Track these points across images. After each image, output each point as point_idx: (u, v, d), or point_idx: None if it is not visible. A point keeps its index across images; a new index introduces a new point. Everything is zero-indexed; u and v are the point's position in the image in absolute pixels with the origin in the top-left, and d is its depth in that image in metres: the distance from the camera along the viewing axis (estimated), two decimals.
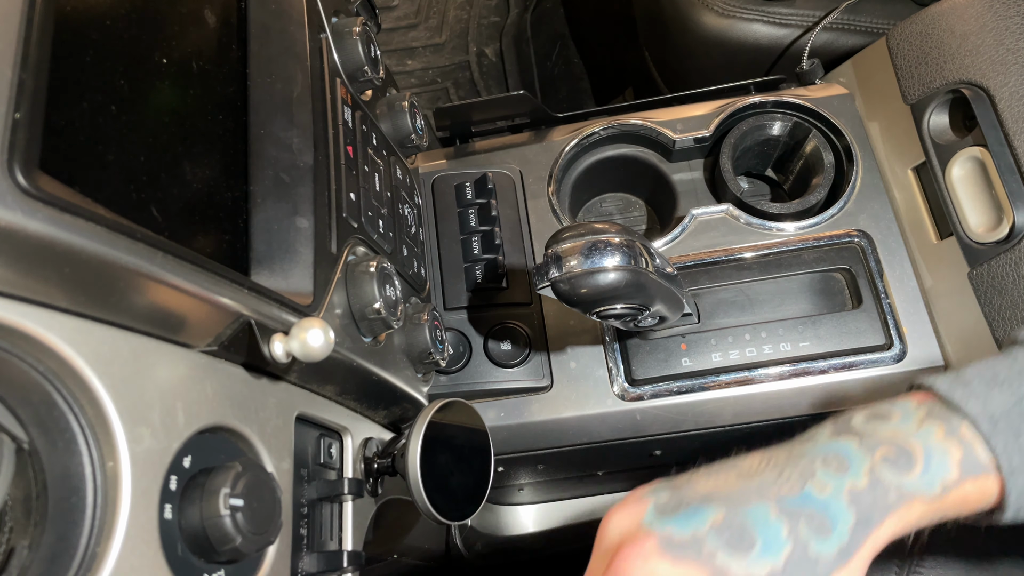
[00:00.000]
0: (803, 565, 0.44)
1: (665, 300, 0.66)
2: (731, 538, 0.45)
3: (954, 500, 0.48)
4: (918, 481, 0.47)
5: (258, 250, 0.56)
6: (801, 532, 0.45)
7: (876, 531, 0.46)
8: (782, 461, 0.49)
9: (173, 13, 0.52)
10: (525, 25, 1.75)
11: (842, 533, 0.45)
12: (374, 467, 0.64)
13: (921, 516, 0.48)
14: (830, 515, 0.46)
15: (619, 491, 1.16)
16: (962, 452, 0.48)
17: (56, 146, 0.37)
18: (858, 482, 0.47)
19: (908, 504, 0.47)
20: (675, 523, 0.46)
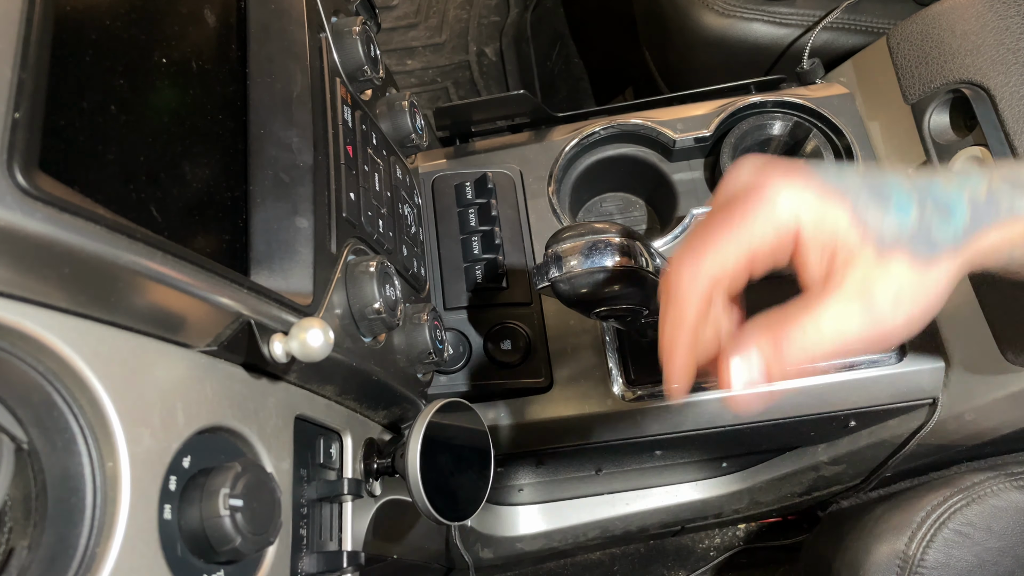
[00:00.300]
0: (924, 238, 0.46)
1: (654, 303, 0.66)
2: (876, 189, 0.46)
3: None
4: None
5: (258, 250, 0.56)
6: (928, 210, 0.47)
7: (981, 234, 0.47)
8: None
9: (173, 13, 0.52)
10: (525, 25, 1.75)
11: (957, 227, 0.47)
12: (374, 467, 0.64)
13: (1019, 234, 0.48)
14: (951, 207, 0.47)
15: (619, 491, 1.16)
16: None
17: (56, 146, 0.37)
18: (979, 191, 0.48)
19: (1015, 219, 0.48)
20: (826, 173, 0.47)
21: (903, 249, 0.45)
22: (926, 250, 0.46)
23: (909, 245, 0.46)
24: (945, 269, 0.46)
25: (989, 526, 0.79)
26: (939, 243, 0.46)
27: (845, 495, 1.11)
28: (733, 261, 0.46)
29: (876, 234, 0.45)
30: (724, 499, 1.16)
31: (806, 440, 1.01)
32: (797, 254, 0.46)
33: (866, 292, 0.45)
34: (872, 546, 0.83)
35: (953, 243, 0.47)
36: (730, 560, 1.48)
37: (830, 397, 0.82)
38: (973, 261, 0.48)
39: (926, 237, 0.46)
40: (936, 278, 0.46)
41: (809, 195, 0.45)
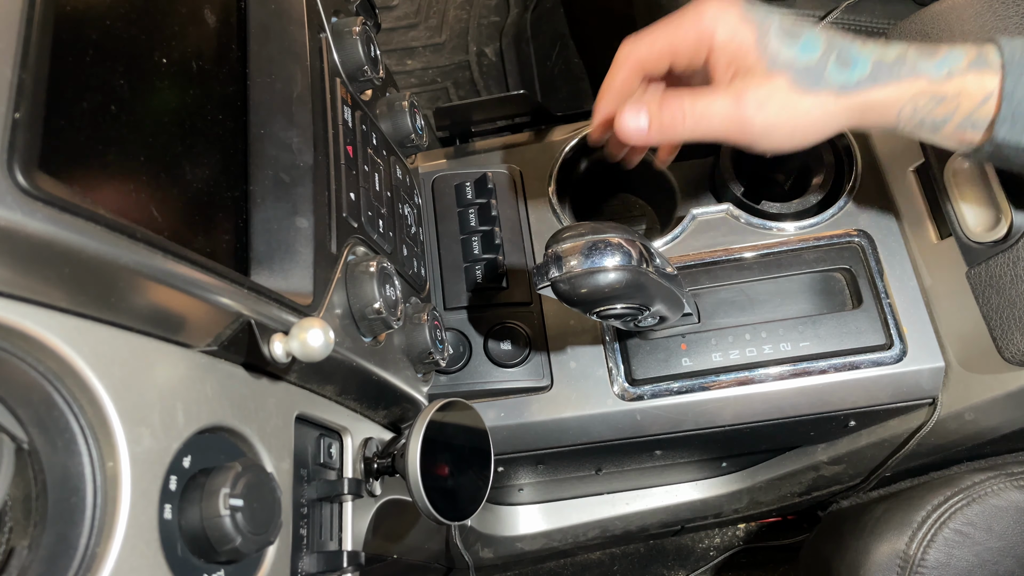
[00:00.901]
0: (813, 75, 0.59)
1: (665, 300, 0.66)
2: (788, 30, 0.60)
3: (955, 85, 0.59)
4: (932, 64, 0.59)
5: (258, 250, 0.56)
6: (830, 57, 0.59)
7: (875, 88, 0.60)
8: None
9: (173, 13, 0.52)
10: (525, 25, 1.75)
11: (852, 74, 0.59)
12: (374, 467, 0.64)
13: (920, 91, 0.60)
14: (854, 61, 0.59)
15: (619, 491, 1.16)
16: (976, 54, 0.59)
17: (56, 146, 0.37)
18: (887, 56, 0.60)
19: (915, 78, 0.59)
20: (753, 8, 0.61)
21: (787, 74, 0.59)
22: (809, 82, 0.59)
23: (794, 74, 0.59)
24: (822, 102, 0.59)
25: (989, 526, 0.79)
26: (826, 81, 0.59)
27: (845, 495, 1.11)
28: (658, 47, 0.63)
29: (771, 57, 0.59)
30: (724, 499, 1.16)
31: (806, 440, 1.01)
32: (709, 57, 0.61)
33: (740, 92, 0.59)
34: (872, 546, 0.83)
35: (841, 86, 0.59)
36: (730, 560, 1.48)
37: (830, 397, 0.82)
38: (865, 106, 0.60)
39: (816, 74, 0.59)
40: (809, 106, 0.59)
41: (730, 17, 0.60)
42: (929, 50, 0.60)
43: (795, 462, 1.07)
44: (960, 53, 0.60)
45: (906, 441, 0.89)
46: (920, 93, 0.60)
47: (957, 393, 0.81)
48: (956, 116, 0.60)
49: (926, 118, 0.61)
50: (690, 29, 0.61)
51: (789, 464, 1.08)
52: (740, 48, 0.59)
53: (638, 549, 1.48)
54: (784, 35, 0.60)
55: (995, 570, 0.79)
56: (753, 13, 0.60)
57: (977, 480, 0.82)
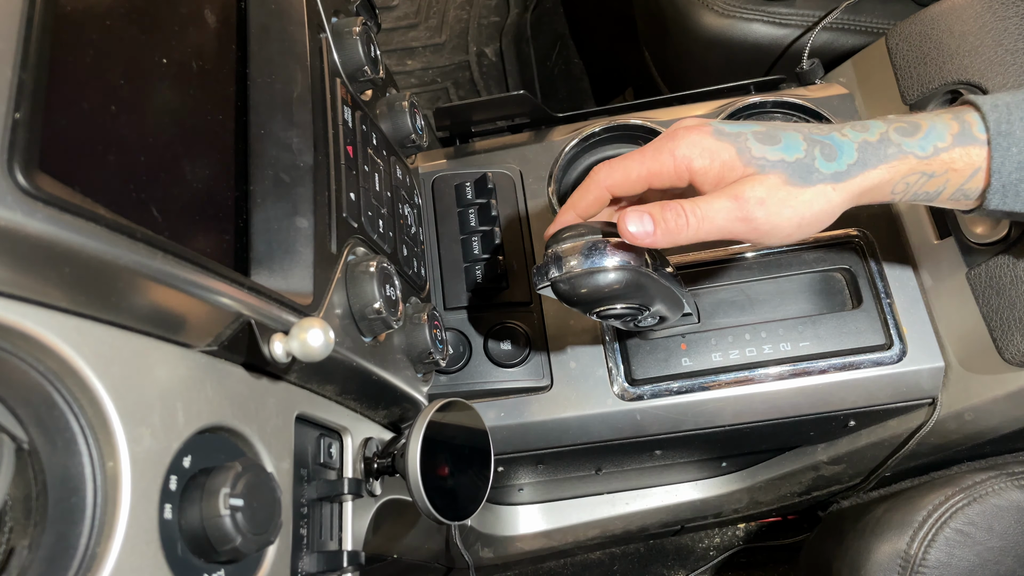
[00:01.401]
0: (805, 169, 0.60)
1: (665, 300, 0.66)
2: (763, 137, 0.61)
3: (942, 162, 0.60)
4: (916, 143, 0.60)
5: (258, 250, 0.56)
6: (815, 151, 0.60)
7: (868, 172, 0.60)
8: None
9: (173, 13, 0.52)
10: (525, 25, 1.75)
11: (842, 164, 0.60)
12: (374, 467, 0.64)
13: (911, 169, 0.61)
14: (840, 150, 0.60)
15: (619, 491, 1.16)
16: (960, 127, 0.60)
17: (56, 146, 0.37)
18: (871, 137, 0.61)
19: (903, 158, 0.60)
20: (727, 124, 0.62)
21: (780, 173, 0.60)
22: (802, 178, 0.60)
23: (787, 171, 0.60)
24: (821, 192, 0.60)
25: (990, 525, 0.79)
26: (820, 173, 0.60)
27: (845, 495, 1.11)
28: (634, 176, 0.63)
29: (759, 163, 0.60)
30: (724, 499, 1.16)
31: (806, 440, 1.01)
32: (693, 181, 0.62)
33: (739, 192, 0.59)
34: (873, 546, 0.83)
35: (834, 176, 0.60)
36: (730, 560, 1.48)
37: (829, 397, 0.82)
38: (860, 190, 0.61)
39: (807, 168, 0.60)
40: (810, 198, 0.60)
41: (704, 142, 0.61)
42: (911, 127, 0.61)
43: (795, 462, 1.07)
44: (943, 128, 0.61)
45: (906, 441, 0.89)
46: (910, 172, 0.61)
47: (957, 393, 0.81)
48: (948, 189, 0.62)
49: (919, 192, 0.62)
50: (666, 161, 0.61)
51: (789, 464, 1.08)
52: (724, 167, 0.60)
53: (638, 549, 1.48)
54: (763, 141, 0.61)
55: (996, 570, 0.79)
56: (724, 134, 0.61)
57: (978, 480, 0.82)
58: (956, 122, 0.61)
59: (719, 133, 0.61)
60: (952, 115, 0.61)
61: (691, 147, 0.60)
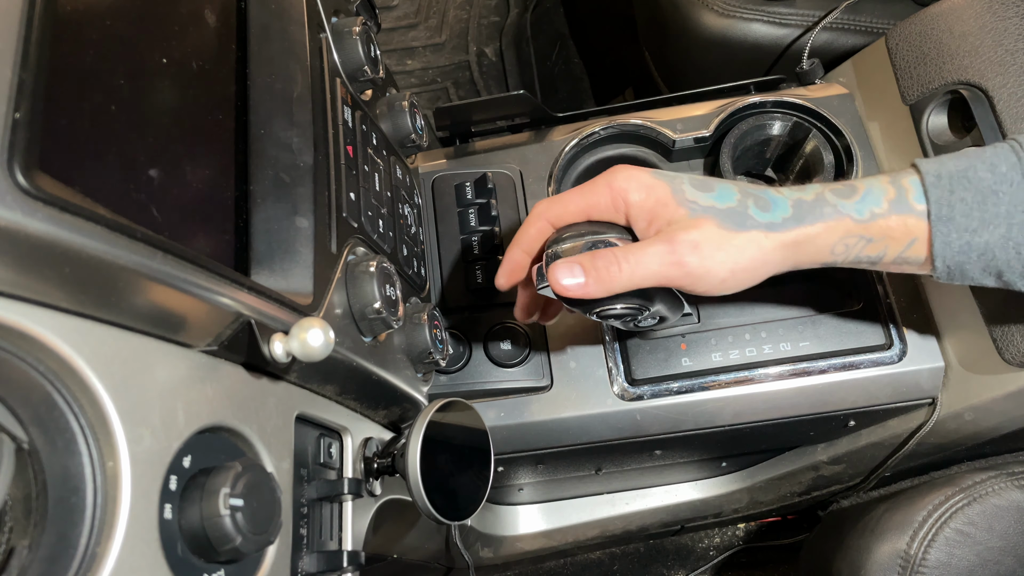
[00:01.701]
0: (738, 216, 0.60)
1: (664, 300, 0.66)
2: (698, 183, 0.62)
3: (879, 228, 0.60)
4: (852, 205, 0.60)
5: (258, 250, 0.56)
6: (748, 202, 0.61)
7: (802, 228, 0.60)
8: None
9: (173, 13, 0.52)
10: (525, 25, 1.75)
11: (776, 216, 0.60)
12: (374, 467, 0.64)
13: (848, 231, 0.60)
14: (774, 204, 0.61)
15: (619, 491, 1.16)
16: (896, 194, 0.60)
17: (56, 146, 0.37)
18: (806, 196, 0.61)
19: (839, 219, 0.60)
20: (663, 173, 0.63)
21: (713, 218, 0.60)
22: (734, 224, 0.60)
23: (719, 216, 0.60)
24: (753, 239, 0.59)
25: (991, 525, 0.79)
26: (752, 220, 0.60)
27: (845, 495, 1.11)
28: (572, 209, 0.65)
29: (691, 204, 0.60)
30: (724, 498, 1.16)
31: (806, 440, 1.01)
32: (628, 215, 0.63)
33: (671, 236, 0.59)
34: (873, 545, 0.83)
35: (768, 225, 0.60)
36: (730, 560, 1.48)
37: (829, 397, 0.82)
38: (795, 243, 0.60)
39: (740, 215, 0.60)
40: (742, 244, 0.59)
41: (640, 177, 0.62)
42: (848, 190, 0.61)
43: (795, 462, 1.07)
44: (879, 192, 0.60)
45: (906, 441, 0.89)
46: (847, 233, 0.60)
47: (957, 393, 0.81)
48: (888, 254, 0.61)
49: (860, 255, 0.62)
50: (603, 194, 0.63)
51: (789, 464, 1.08)
52: (657, 203, 0.61)
53: (638, 549, 1.48)
54: (697, 187, 0.62)
55: (996, 570, 0.79)
56: (660, 175, 0.63)
57: (978, 480, 0.82)
58: (892, 187, 0.60)
59: (656, 173, 0.63)
60: (889, 179, 0.61)
61: (627, 181, 0.62)
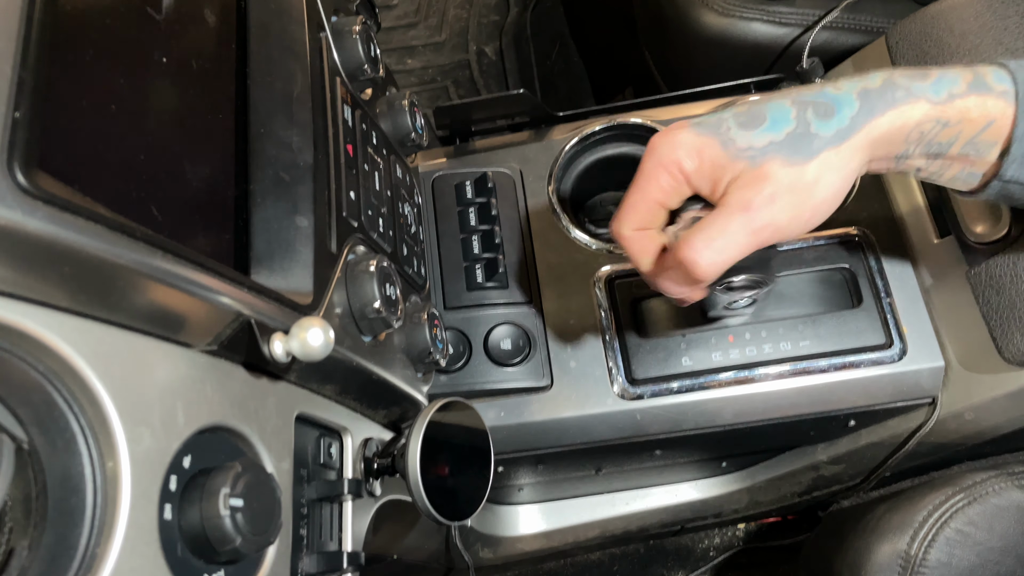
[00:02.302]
0: (801, 140, 0.54)
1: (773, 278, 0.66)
2: (746, 119, 0.56)
3: (957, 109, 0.55)
4: (928, 86, 0.55)
5: (258, 249, 0.56)
6: (808, 115, 0.54)
7: (876, 119, 0.54)
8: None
9: (173, 12, 0.52)
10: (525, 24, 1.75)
11: (843, 118, 0.54)
12: (374, 467, 0.64)
13: (924, 116, 0.55)
14: (837, 104, 0.54)
15: (619, 491, 1.16)
16: (973, 76, 0.55)
17: (56, 146, 0.37)
18: (873, 83, 0.55)
19: (914, 102, 0.54)
20: (706, 117, 0.58)
21: (776, 157, 0.54)
22: (802, 153, 0.54)
23: (783, 151, 0.54)
24: (826, 162, 0.54)
25: (991, 525, 0.79)
26: (818, 141, 0.54)
27: (845, 495, 1.11)
28: (645, 213, 0.60)
29: (748, 152, 0.55)
30: (724, 499, 1.16)
31: (806, 440, 1.01)
32: (692, 186, 0.57)
33: (744, 202, 0.54)
34: (873, 545, 0.83)
35: (836, 137, 0.54)
36: (730, 560, 1.48)
37: (829, 396, 0.82)
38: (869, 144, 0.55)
39: (804, 138, 0.54)
40: (816, 174, 0.54)
41: (685, 141, 0.56)
42: (919, 73, 0.56)
43: (795, 462, 1.07)
44: (955, 76, 0.56)
45: (906, 441, 0.89)
46: (925, 119, 0.55)
47: (957, 393, 0.81)
48: (960, 139, 0.56)
49: (932, 143, 0.56)
50: (661, 177, 0.58)
51: (789, 464, 1.08)
52: (713, 165, 0.56)
53: (638, 549, 1.48)
54: (746, 126, 0.56)
55: (997, 570, 0.79)
56: (704, 125, 0.57)
57: (978, 479, 0.82)
58: (969, 72, 0.55)
59: (698, 126, 0.57)
60: (962, 67, 0.56)
61: (673, 150, 0.56)
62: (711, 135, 0.56)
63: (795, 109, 0.55)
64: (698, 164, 0.56)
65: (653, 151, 0.58)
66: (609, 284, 0.86)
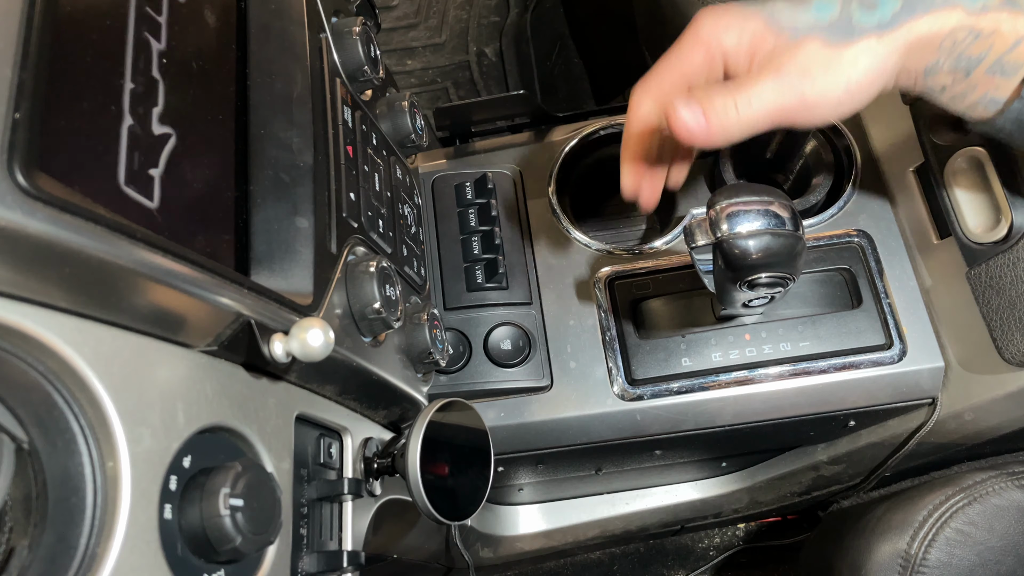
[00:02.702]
0: (842, 27, 0.56)
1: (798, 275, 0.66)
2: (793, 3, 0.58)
3: (990, 21, 0.56)
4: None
5: (258, 250, 0.56)
6: (852, 6, 0.56)
7: (915, 20, 0.56)
8: None
9: (173, 13, 0.52)
10: (525, 25, 1.75)
11: (884, 13, 0.56)
12: (374, 467, 0.64)
13: (959, 23, 0.56)
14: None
15: (619, 491, 1.16)
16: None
17: (56, 146, 0.37)
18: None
19: (951, 8, 0.56)
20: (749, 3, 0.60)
21: (816, 36, 0.56)
22: (842, 36, 0.56)
23: (823, 33, 0.56)
24: (865, 48, 0.56)
25: (991, 525, 0.79)
26: (859, 29, 0.56)
27: (845, 495, 1.11)
28: (669, 81, 0.61)
29: (790, 29, 0.57)
30: (724, 499, 1.16)
31: (806, 440, 1.01)
32: (727, 65, 0.59)
33: (779, 67, 0.56)
34: (874, 545, 0.83)
35: (877, 28, 0.56)
36: (730, 560, 1.48)
37: (829, 397, 0.82)
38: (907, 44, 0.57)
39: (845, 25, 0.56)
40: (854, 57, 0.56)
41: (729, 18, 0.58)
42: None
43: (795, 462, 1.07)
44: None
45: (906, 441, 0.89)
46: (959, 26, 0.57)
47: (957, 393, 0.81)
48: (989, 56, 0.57)
49: (962, 55, 0.57)
50: (695, 51, 0.59)
51: (789, 464, 1.08)
52: (754, 39, 0.58)
53: (638, 549, 1.48)
54: (792, 6, 0.58)
55: (997, 569, 0.79)
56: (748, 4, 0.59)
57: (978, 479, 0.82)
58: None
59: (742, 6, 0.59)
60: None
61: (716, 24, 0.58)
62: (757, 11, 0.58)
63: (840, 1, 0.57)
64: (738, 39, 0.58)
65: (695, 26, 0.59)
66: (609, 285, 0.86)
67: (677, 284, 0.85)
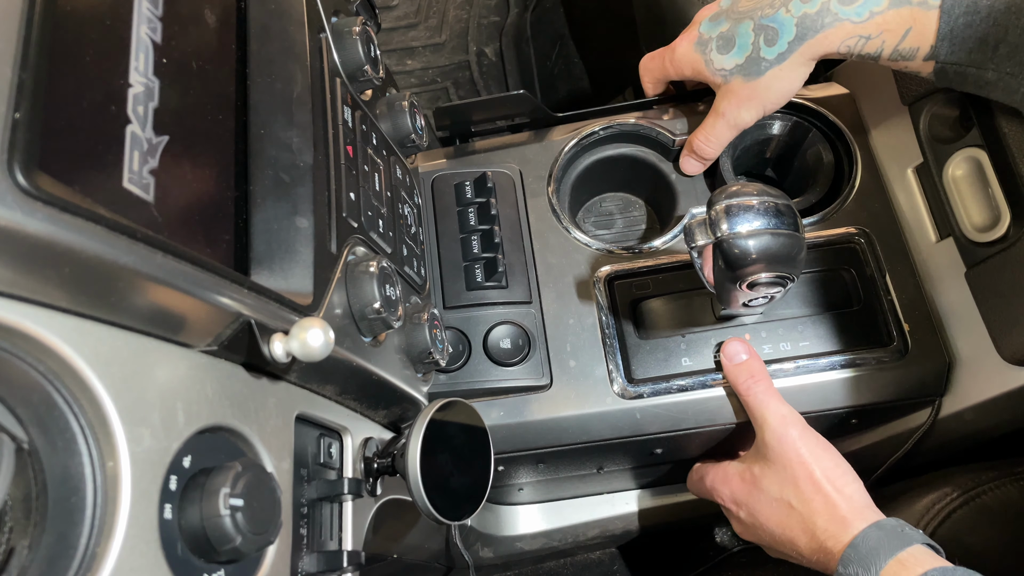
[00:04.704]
0: (754, 63, 0.76)
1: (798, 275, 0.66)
2: (724, 43, 0.78)
3: (876, 24, 0.69)
4: (852, 10, 0.70)
5: (258, 250, 0.56)
6: (760, 40, 0.75)
7: (807, 44, 0.73)
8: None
9: (173, 13, 0.52)
10: (525, 25, 1.75)
11: (783, 44, 0.74)
12: (374, 467, 0.64)
13: (847, 35, 0.71)
14: (781, 30, 0.73)
15: (619, 490, 1.16)
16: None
17: (56, 146, 0.37)
18: (811, 9, 0.72)
19: (838, 26, 0.71)
20: (707, 27, 0.80)
21: (738, 76, 0.78)
22: (755, 72, 0.76)
23: (742, 72, 0.77)
24: (773, 76, 0.76)
25: (991, 525, 0.79)
26: (765, 63, 0.75)
27: None
28: (660, 74, 0.88)
29: (721, 72, 0.79)
30: None
31: None
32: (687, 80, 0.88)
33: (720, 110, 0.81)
34: None
35: (779, 59, 0.74)
36: (730, 559, 1.47)
37: (830, 396, 0.82)
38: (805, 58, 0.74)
39: (755, 61, 0.76)
40: (767, 84, 0.77)
41: (687, 50, 0.81)
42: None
43: None
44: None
45: (906, 441, 0.89)
46: (848, 36, 0.71)
47: (957, 393, 0.81)
48: (885, 50, 0.70)
49: (862, 52, 0.72)
50: (668, 69, 0.84)
51: None
52: (700, 75, 0.81)
53: (638, 549, 1.48)
54: (722, 48, 0.77)
55: (996, 569, 0.79)
56: (701, 41, 0.79)
57: (978, 479, 0.82)
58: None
59: (697, 44, 0.80)
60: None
61: (681, 58, 0.82)
62: (700, 54, 0.80)
63: (754, 35, 0.75)
64: (692, 72, 0.82)
65: (672, 49, 0.83)
66: (609, 284, 0.86)
67: (677, 283, 0.85)
